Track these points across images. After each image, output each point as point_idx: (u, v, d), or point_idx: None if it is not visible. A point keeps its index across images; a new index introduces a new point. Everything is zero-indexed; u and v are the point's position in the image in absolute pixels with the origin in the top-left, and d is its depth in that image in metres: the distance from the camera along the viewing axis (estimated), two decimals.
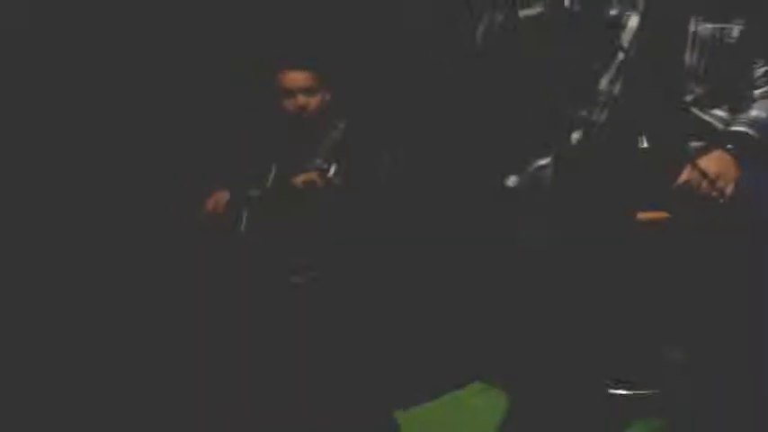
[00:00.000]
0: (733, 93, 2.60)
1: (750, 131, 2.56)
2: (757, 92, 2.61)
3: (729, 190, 2.50)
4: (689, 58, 2.58)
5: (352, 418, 2.82)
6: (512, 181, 2.75)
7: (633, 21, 2.60)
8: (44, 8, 3.35)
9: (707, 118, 2.59)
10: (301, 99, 3.15)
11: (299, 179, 3.07)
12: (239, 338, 3.00)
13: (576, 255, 2.58)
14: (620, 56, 2.58)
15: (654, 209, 2.57)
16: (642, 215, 2.57)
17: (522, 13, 2.64)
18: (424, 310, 3.08)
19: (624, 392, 2.67)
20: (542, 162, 2.69)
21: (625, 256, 2.54)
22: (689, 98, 2.58)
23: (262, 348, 2.97)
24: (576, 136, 2.64)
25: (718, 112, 2.60)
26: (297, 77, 3.18)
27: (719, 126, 2.59)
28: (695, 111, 2.59)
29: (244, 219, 3.22)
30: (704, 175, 2.48)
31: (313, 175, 3.05)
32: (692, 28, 2.58)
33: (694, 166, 2.49)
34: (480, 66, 2.96)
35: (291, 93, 3.17)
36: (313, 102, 3.17)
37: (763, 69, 2.62)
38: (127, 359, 3.09)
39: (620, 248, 2.54)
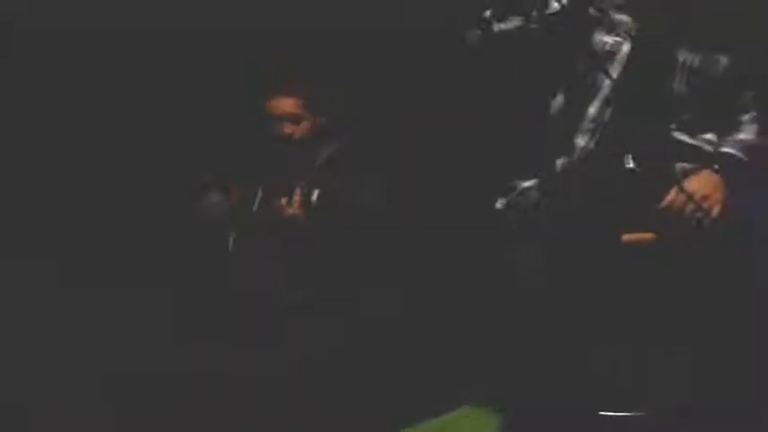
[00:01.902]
0: (721, 118, 2.60)
1: (738, 153, 2.56)
2: (745, 117, 2.62)
3: (716, 211, 2.50)
4: (677, 85, 2.58)
5: None
6: (500, 203, 2.74)
7: (625, 48, 2.60)
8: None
9: (695, 142, 2.59)
10: (288, 127, 3.14)
11: (282, 203, 3.06)
12: (233, 360, 2.99)
13: (564, 277, 2.57)
14: (609, 83, 2.58)
15: (642, 230, 2.56)
16: (628, 237, 2.56)
17: (506, 27, 2.61)
18: (414, 333, 3.07)
19: (615, 414, 2.66)
20: (527, 184, 2.68)
21: (613, 277, 2.54)
22: (677, 123, 2.58)
23: (255, 369, 2.96)
24: (561, 161, 2.63)
25: (707, 136, 2.60)
26: (285, 104, 3.17)
27: (708, 148, 2.59)
28: (683, 136, 2.59)
29: (231, 241, 3.21)
30: (690, 196, 2.47)
31: (297, 200, 3.03)
32: (681, 56, 2.59)
33: (680, 187, 2.48)
34: (468, 87, 2.95)
35: (279, 119, 3.16)
36: (300, 129, 3.17)
37: (750, 95, 2.63)
38: (114, 375, 3.08)
39: (609, 270, 2.54)
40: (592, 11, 2.55)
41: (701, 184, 2.50)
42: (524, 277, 2.64)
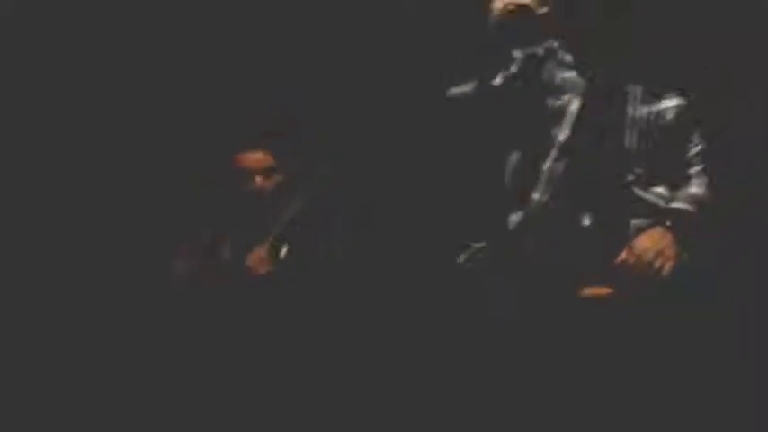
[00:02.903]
0: (671, 171, 2.63)
1: (689, 208, 2.59)
2: (693, 170, 2.65)
3: (668, 268, 2.50)
4: (627, 139, 2.61)
5: None
6: (461, 258, 2.76)
7: (574, 105, 2.64)
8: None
9: (648, 197, 2.61)
10: (259, 180, 3.16)
11: (251, 257, 3.08)
12: (209, 407, 3.02)
13: (522, 332, 2.58)
14: (561, 138, 2.62)
15: (598, 285, 2.57)
16: (586, 292, 2.57)
17: (460, 91, 2.66)
18: (380, 386, 3.07)
19: None
20: (481, 244, 2.70)
21: (570, 333, 2.55)
22: (630, 178, 2.61)
23: (231, 413, 2.99)
24: (516, 217, 2.66)
25: (659, 190, 2.63)
26: (255, 159, 3.19)
27: (660, 203, 2.61)
28: (636, 190, 2.61)
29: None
30: (641, 255, 2.48)
31: (263, 254, 3.06)
32: (629, 111, 2.62)
33: (631, 246, 2.50)
34: (437, 144, 3.00)
35: (249, 173, 3.17)
36: (270, 183, 3.18)
37: (697, 149, 2.66)
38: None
39: (566, 326, 2.55)
40: (543, 72, 2.59)
41: (653, 241, 2.51)
42: (482, 332, 2.66)
